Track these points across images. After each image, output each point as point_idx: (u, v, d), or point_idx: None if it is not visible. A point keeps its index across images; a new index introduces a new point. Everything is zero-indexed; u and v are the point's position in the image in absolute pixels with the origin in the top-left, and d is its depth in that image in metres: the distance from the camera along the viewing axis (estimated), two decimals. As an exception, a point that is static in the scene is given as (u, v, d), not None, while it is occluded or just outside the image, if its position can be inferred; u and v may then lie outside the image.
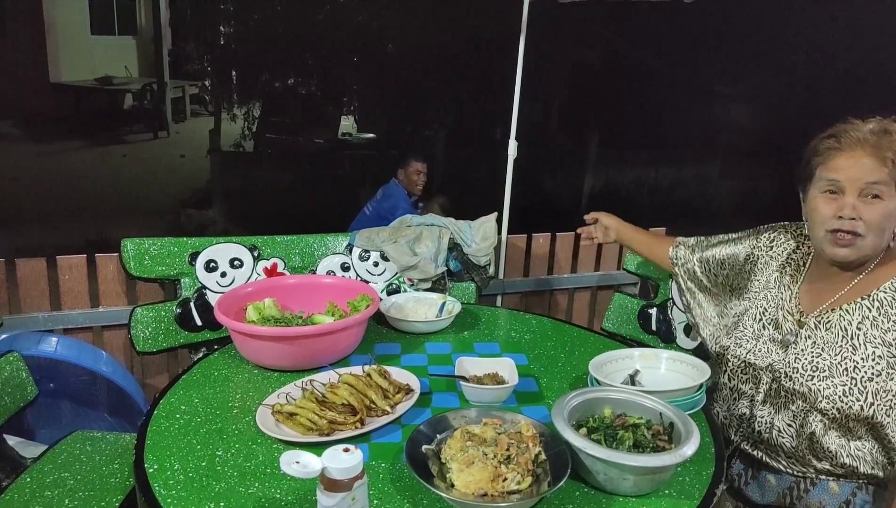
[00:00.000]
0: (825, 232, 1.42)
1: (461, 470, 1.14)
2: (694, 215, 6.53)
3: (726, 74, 6.69)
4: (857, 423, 1.40)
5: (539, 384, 1.59)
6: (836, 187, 1.40)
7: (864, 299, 1.42)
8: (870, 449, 1.41)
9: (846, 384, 1.38)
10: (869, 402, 1.37)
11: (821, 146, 1.44)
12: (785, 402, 1.47)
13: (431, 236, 2.29)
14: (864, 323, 1.40)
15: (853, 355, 1.39)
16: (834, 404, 1.39)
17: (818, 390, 1.40)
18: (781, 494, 1.50)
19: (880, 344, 1.38)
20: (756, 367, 1.53)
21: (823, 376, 1.41)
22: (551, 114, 6.75)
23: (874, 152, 1.36)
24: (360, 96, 6.36)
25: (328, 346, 1.60)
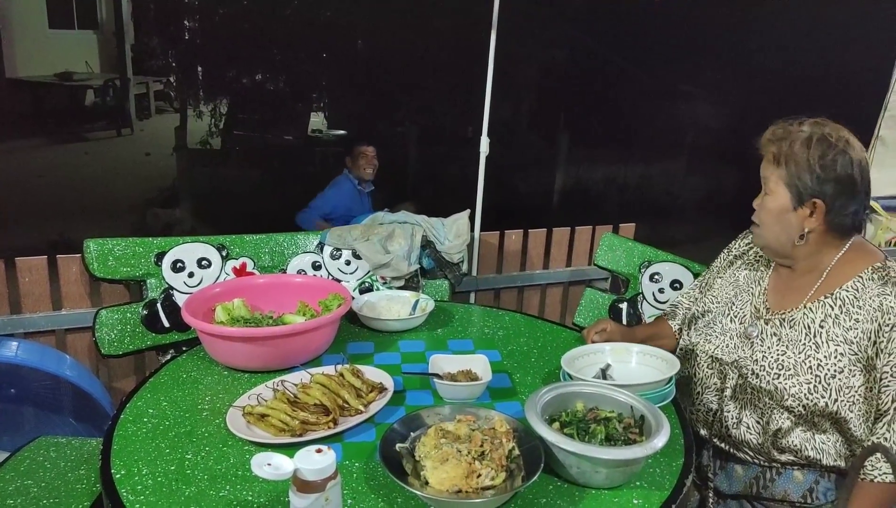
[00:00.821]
0: None
1: (435, 468, 1.14)
2: (662, 212, 6.62)
3: (693, 73, 6.80)
4: (822, 418, 1.43)
5: (512, 379, 1.60)
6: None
7: (828, 298, 1.45)
8: (833, 443, 1.45)
9: (811, 382, 1.41)
10: (833, 398, 1.40)
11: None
12: (751, 399, 1.50)
13: (404, 234, 2.29)
14: (826, 321, 1.43)
15: (816, 352, 1.42)
16: (800, 401, 1.42)
17: (784, 388, 1.43)
18: (748, 484, 1.53)
19: (842, 342, 1.41)
20: (723, 362, 1.55)
21: (789, 374, 1.44)
22: (523, 111, 6.78)
23: (770, 150, 1.46)
24: (330, 93, 6.31)
25: (299, 346, 1.58)
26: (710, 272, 1.77)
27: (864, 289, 1.42)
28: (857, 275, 1.45)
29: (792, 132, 1.44)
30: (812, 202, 1.41)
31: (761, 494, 1.52)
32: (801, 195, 1.41)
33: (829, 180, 1.38)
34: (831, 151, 1.38)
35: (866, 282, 1.43)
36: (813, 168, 1.39)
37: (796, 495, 1.48)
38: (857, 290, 1.43)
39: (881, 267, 1.45)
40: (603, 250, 2.48)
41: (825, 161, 1.38)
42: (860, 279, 1.44)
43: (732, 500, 1.56)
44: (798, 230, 1.45)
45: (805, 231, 1.44)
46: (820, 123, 1.44)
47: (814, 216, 1.42)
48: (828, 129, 1.42)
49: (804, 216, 1.43)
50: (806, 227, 1.43)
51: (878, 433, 1.38)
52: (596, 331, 1.75)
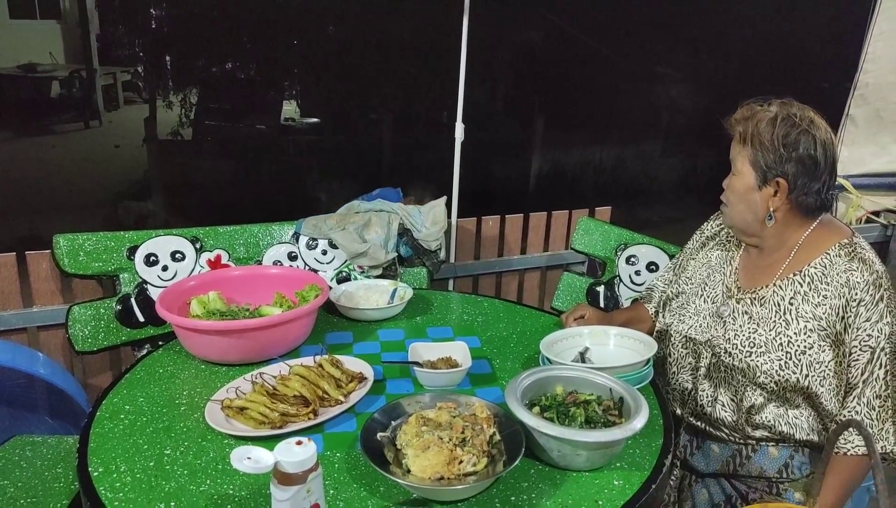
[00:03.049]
0: None
1: (417, 455, 1.14)
2: (638, 194, 6.67)
3: (667, 55, 6.83)
4: (794, 393, 1.46)
5: (492, 365, 1.60)
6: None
7: (796, 275, 1.47)
8: (806, 417, 1.48)
9: (781, 359, 1.44)
10: (804, 374, 1.43)
11: None
12: (725, 377, 1.52)
13: (381, 222, 2.27)
14: (795, 298, 1.46)
15: (786, 329, 1.45)
16: (771, 377, 1.44)
17: (756, 365, 1.46)
18: (725, 462, 1.55)
19: (811, 318, 1.43)
20: (696, 342, 1.58)
21: (760, 351, 1.46)
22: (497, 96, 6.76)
23: (737, 130, 1.48)
24: (302, 81, 6.22)
25: (277, 338, 1.57)
26: (683, 254, 1.78)
27: (831, 266, 1.45)
28: (824, 252, 1.47)
29: (758, 112, 1.45)
30: (775, 181, 1.42)
31: (738, 472, 1.54)
32: (765, 174, 1.43)
33: (790, 160, 1.40)
34: (794, 130, 1.40)
35: (833, 259, 1.45)
36: (776, 147, 1.40)
37: (772, 470, 1.51)
38: (825, 267, 1.45)
39: (847, 243, 1.47)
40: (579, 234, 2.49)
41: (788, 140, 1.40)
42: (827, 256, 1.46)
43: (710, 478, 1.59)
44: (764, 210, 1.46)
45: (771, 210, 1.45)
46: (787, 104, 1.45)
47: (777, 196, 1.44)
48: (794, 109, 1.43)
49: (769, 196, 1.44)
50: (771, 206, 1.45)
51: (848, 407, 1.41)
52: (574, 317, 1.77)
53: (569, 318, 1.78)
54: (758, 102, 1.48)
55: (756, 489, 1.52)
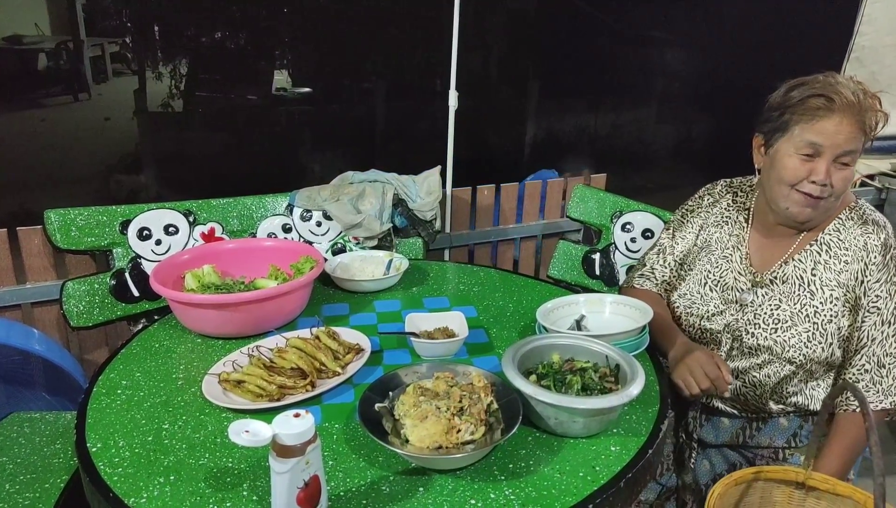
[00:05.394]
0: (792, 190, 1.41)
1: (415, 426, 1.14)
2: (633, 161, 6.63)
3: (661, 19, 6.73)
4: (819, 365, 1.46)
5: (489, 334, 1.60)
6: (816, 150, 1.37)
7: (813, 245, 1.46)
8: (824, 388, 1.49)
9: (809, 331, 1.43)
10: (829, 342, 1.42)
11: (808, 103, 1.37)
12: (749, 355, 1.51)
13: (375, 193, 2.25)
14: (817, 268, 1.44)
15: (812, 300, 1.44)
16: (800, 351, 1.43)
17: (784, 340, 1.45)
18: (734, 434, 1.56)
19: (836, 286, 1.42)
20: (713, 331, 1.55)
21: (786, 326, 1.45)
22: (491, 63, 6.67)
23: (859, 119, 1.34)
24: (293, 50, 6.12)
25: (273, 311, 1.56)
26: (675, 239, 1.70)
27: (845, 230, 1.44)
28: (835, 218, 1.46)
29: (866, 98, 1.36)
30: None
31: (747, 443, 1.55)
32: None
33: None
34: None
35: (846, 222, 1.45)
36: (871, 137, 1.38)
37: (781, 440, 1.52)
38: (839, 232, 1.45)
39: (856, 207, 1.47)
40: (575, 201, 2.48)
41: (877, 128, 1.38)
42: (839, 221, 1.46)
43: (713, 449, 1.59)
44: None
45: None
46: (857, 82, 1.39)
47: None
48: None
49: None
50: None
51: (857, 365, 1.43)
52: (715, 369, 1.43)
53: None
54: (831, 77, 1.38)
55: (762, 456, 1.54)
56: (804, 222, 1.45)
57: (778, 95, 1.44)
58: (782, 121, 1.41)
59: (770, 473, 1.28)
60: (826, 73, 1.39)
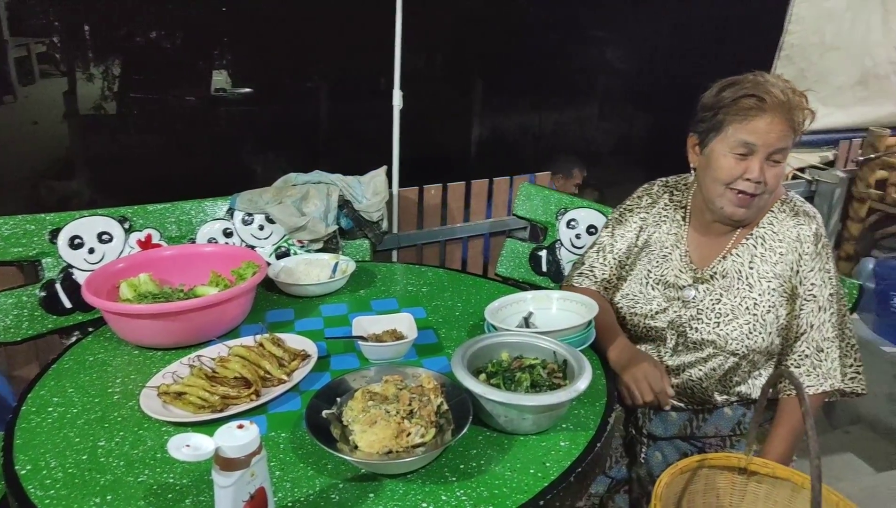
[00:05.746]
0: (727, 189, 1.43)
1: (364, 431, 1.13)
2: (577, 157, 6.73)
3: (601, 19, 6.86)
4: (760, 355, 1.50)
5: (438, 335, 1.59)
6: (749, 150, 1.39)
7: (749, 239, 1.50)
8: (765, 376, 1.53)
9: (749, 323, 1.47)
10: (768, 332, 1.47)
11: (740, 103, 1.39)
12: (693, 350, 1.54)
13: (319, 195, 2.22)
14: (754, 262, 1.49)
15: (751, 292, 1.48)
16: (742, 342, 1.47)
17: (726, 334, 1.48)
18: (682, 426, 1.59)
19: (773, 277, 1.47)
20: (658, 329, 1.57)
21: (728, 320, 1.48)
22: (436, 63, 6.67)
23: (789, 117, 1.37)
24: (233, 49, 5.98)
25: (214, 319, 1.51)
26: (614, 237, 1.70)
27: (778, 223, 1.49)
28: (768, 211, 1.51)
29: (794, 97, 1.40)
30: None
31: (695, 434, 1.58)
32: None
33: None
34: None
35: (778, 215, 1.50)
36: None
37: (727, 429, 1.57)
38: (772, 224, 1.49)
39: (787, 200, 1.52)
40: (521, 199, 2.49)
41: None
42: (772, 214, 1.50)
43: (664, 441, 1.62)
44: None
45: None
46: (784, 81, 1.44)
47: None
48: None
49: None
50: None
51: (797, 351, 1.48)
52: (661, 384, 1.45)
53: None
54: (760, 76, 1.41)
55: (711, 445, 1.58)
56: (740, 221, 1.49)
57: (710, 95, 1.46)
58: (716, 121, 1.44)
59: (714, 460, 1.31)
60: (755, 72, 1.43)
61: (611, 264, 1.69)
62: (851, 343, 1.53)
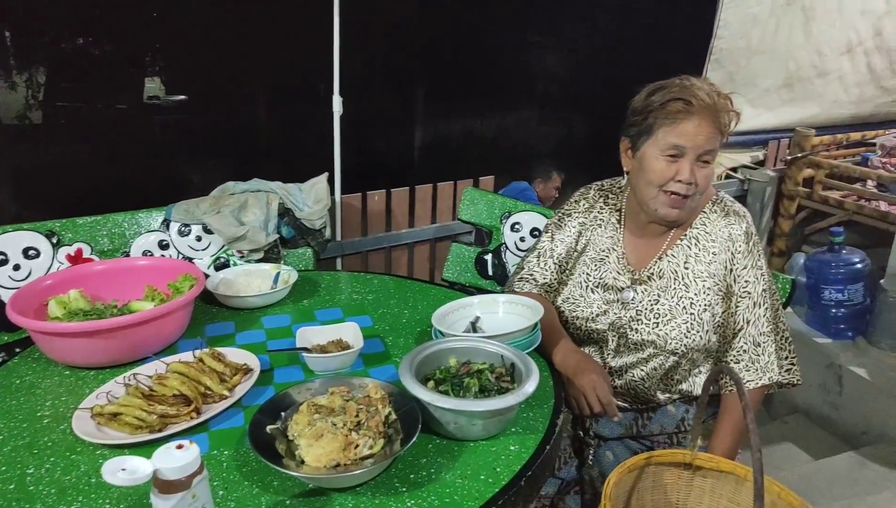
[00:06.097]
0: (660, 191, 1.47)
1: (310, 445, 1.10)
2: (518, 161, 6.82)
3: (538, 24, 6.97)
4: (699, 353, 1.54)
5: (385, 343, 1.57)
6: (679, 152, 1.43)
7: (683, 240, 1.54)
8: (705, 373, 1.57)
9: (687, 322, 1.50)
10: (706, 330, 1.50)
11: (668, 106, 1.43)
12: (635, 351, 1.56)
13: (258, 203, 2.17)
14: (689, 262, 1.53)
15: (687, 292, 1.51)
16: (681, 341, 1.51)
17: (665, 333, 1.51)
18: (628, 426, 1.61)
19: (708, 277, 1.51)
20: (599, 331, 1.59)
21: (666, 320, 1.52)
22: (376, 68, 6.64)
23: (715, 119, 1.41)
24: (166, 56, 5.80)
25: (150, 335, 1.46)
26: (554, 242, 1.71)
27: (711, 223, 1.53)
28: (700, 212, 1.55)
29: (719, 100, 1.44)
30: None
31: (641, 432, 1.61)
32: None
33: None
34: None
35: (710, 215, 1.54)
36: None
37: (671, 427, 1.60)
38: (705, 225, 1.53)
39: (717, 200, 1.56)
40: (465, 204, 2.50)
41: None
42: (705, 215, 1.55)
43: (613, 441, 1.64)
44: None
45: None
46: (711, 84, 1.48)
47: None
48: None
49: None
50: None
51: (736, 347, 1.52)
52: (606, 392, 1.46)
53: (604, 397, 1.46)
54: (687, 80, 1.45)
55: (659, 442, 1.61)
56: (673, 221, 1.52)
57: (639, 99, 1.50)
58: (646, 125, 1.47)
59: (660, 457, 1.33)
60: (682, 76, 1.47)
61: (551, 268, 1.70)
62: (786, 336, 1.59)
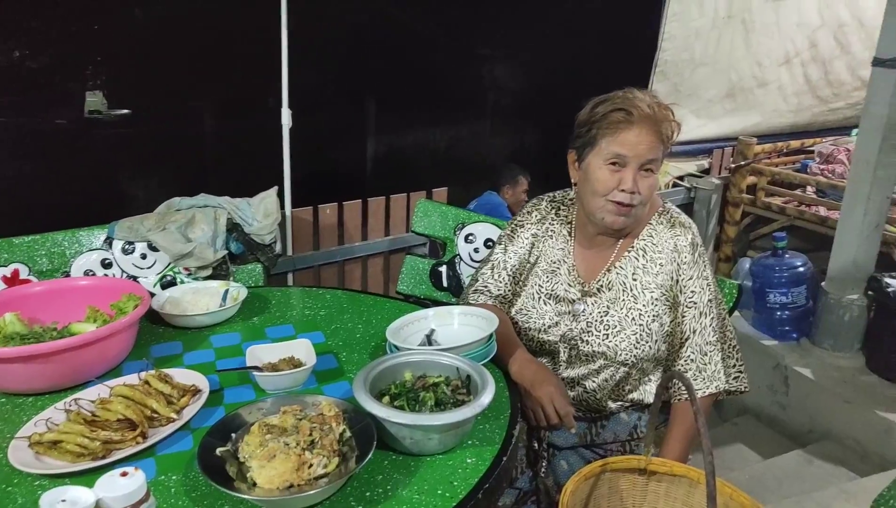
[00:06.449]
0: (605, 201, 1.50)
1: (262, 466, 1.07)
2: (471, 172, 6.85)
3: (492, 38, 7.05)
4: (648, 363, 1.56)
5: (339, 359, 1.55)
6: (621, 161, 1.47)
7: (631, 251, 1.57)
8: (655, 382, 1.60)
9: (636, 333, 1.53)
10: (654, 340, 1.53)
11: (610, 117, 1.47)
12: (586, 362, 1.58)
13: (206, 219, 2.12)
14: (637, 273, 1.55)
15: (636, 303, 1.54)
16: (631, 352, 1.53)
17: (615, 345, 1.53)
18: (582, 435, 1.63)
19: (655, 287, 1.54)
20: (551, 342, 1.60)
21: (616, 331, 1.54)
22: (326, 80, 6.59)
23: (656, 129, 1.46)
24: (108, 69, 5.62)
25: (93, 358, 1.40)
26: (507, 254, 1.71)
27: (657, 235, 1.56)
28: (647, 224, 1.58)
29: (663, 109, 1.49)
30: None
31: (595, 441, 1.62)
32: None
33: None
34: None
35: (657, 227, 1.57)
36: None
37: (625, 434, 1.62)
38: (652, 236, 1.56)
39: (664, 211, 1.60)
40: (419, 216, 2.49)
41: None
42: (651, 226, 1.58)
43: (568, 450, 1.64)
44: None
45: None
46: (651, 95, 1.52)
47: None
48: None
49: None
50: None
51: (683, 356, 1.55)
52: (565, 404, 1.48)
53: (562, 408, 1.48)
54: (629, 92, 1.49)
55: (612, 451, 1.62)
56: (619, 229, 1.55)
57: (584, 112, 1.54)
58: (590, 136, 1.51)
59: (615, 464, 1.34)
60: (625, 89, 1.52)
61: (504, 280, 1.71)
62: (733, 344, 1.62)
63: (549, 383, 1.47)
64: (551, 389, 1.46)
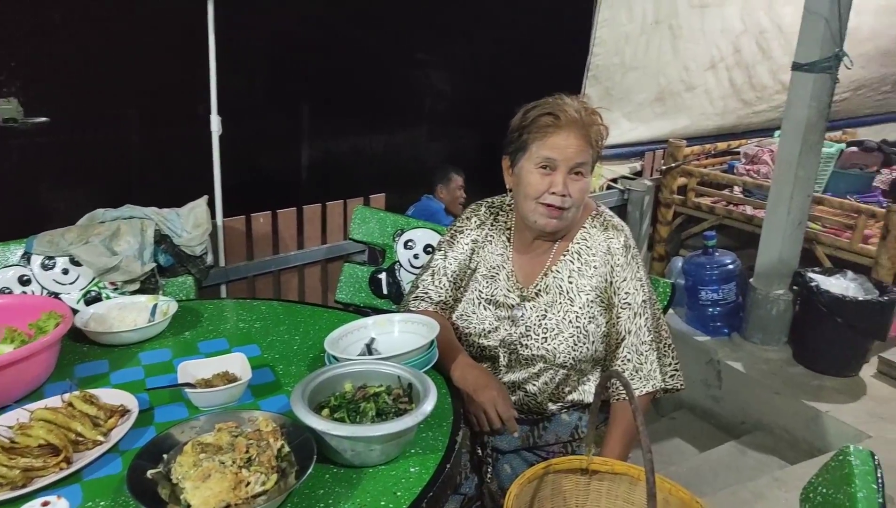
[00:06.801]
0: (537, 204, 1.53)
1: (197, 487, 1.03)
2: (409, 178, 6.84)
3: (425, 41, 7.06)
4: (587, 363, 1.58)
5: (276, 372, 1.51)
6: (551, 165, 1.50)
7: (566, 255, 1.59)
8: (594, 382, 1.62)
9: (574, 335, 1.55)
10: (591, 342, 1.55)
11: (539, 122, 1.51)
12: (525, 366, 1.59)
13: (132, 231, 2.03)
14: (573, 276, 1.58)
15: (572, 306, 1.56)
16: (569, 355, 1.55)
17: (553, 348, 1.55)
18: (524, 438, 1.63)
19: (590, 290, 1.56)
20: (490, 347, 1.62)
21: (554, 334, 1.55)
22: (257, 86, 6.46)
23: (584, 133, 1.50)
24: (24, 75, 5.35)
25: (10, 381, 1.31)
26: (448, 260, 1.71)
27: (591, 238, 1.59)
28: (581, 227, 1.61)
29: (591, 114, 1.52)
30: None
31: (537, 443, 1.63)
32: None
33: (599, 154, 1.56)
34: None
35: (590, 230, 1.60)
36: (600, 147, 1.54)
37: (566, 435, 1.63)
38: (586, 239, 1.59)
39: (597, 214, 1.63)
40: (356, 223, 2.46)
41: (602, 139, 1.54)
42: (585, 229, 1.60)
43: (511, 454, 1.65)
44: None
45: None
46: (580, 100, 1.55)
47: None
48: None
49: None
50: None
51: (620, 357, 1.58)
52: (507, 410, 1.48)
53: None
54: (559, 98, 1.53)
55: (554, 452, 1.63)
56: (553, 232, 1.58)
57: (517, 118, 1.58)
58: (522, 141, 1.55)
59: (558, 465, 1.35)
60: (555, 94, 1.56)
61: (445, 286, 1.71)
62: (668, 343, 1.67)
63: (491, 387, 1.48)
64: (493, 393, 1.46)
